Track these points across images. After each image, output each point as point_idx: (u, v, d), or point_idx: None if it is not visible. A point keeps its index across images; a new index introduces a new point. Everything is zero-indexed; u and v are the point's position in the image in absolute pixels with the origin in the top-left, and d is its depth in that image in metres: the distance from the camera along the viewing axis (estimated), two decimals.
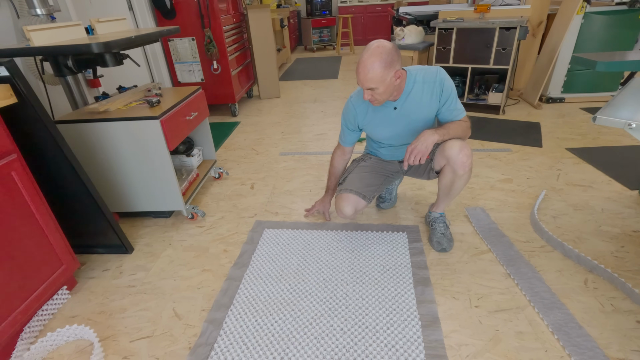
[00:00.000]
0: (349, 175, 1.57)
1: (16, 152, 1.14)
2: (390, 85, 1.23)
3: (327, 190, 1.73)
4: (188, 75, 3.22)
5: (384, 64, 1.17)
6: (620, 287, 1.26)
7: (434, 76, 1.32)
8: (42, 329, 1.25)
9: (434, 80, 1.32)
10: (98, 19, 1.71)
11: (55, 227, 1.29)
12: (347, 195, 1.49)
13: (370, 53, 1.18)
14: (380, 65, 1.17)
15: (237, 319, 1.22)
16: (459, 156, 1.29)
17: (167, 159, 1.58)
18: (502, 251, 1.47)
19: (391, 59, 1.18)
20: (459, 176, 1.34)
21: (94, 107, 1.56)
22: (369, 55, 1.18)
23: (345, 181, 1.55)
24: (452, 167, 1.33)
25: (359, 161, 1.64)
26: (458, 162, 1.30)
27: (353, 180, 1.54)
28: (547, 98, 3.20)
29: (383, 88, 1.22)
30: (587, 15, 2.86)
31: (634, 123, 0.99)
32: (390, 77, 1.21)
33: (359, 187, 1.51)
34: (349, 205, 1.48)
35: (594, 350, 1.05)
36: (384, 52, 1.17)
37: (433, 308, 1.23)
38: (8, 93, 1.10)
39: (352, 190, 1.49)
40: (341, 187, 1.55)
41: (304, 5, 7.17)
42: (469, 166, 1.31)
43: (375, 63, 1.17)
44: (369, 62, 1.18)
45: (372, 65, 1.17)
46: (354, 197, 1.49)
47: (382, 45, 1.18)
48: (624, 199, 1.77)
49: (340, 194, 1.52)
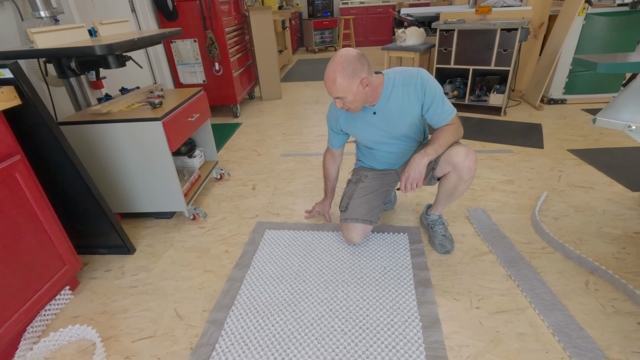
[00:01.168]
0: (351, 201, 1.53)
1: (20, 153, 1.16)
2: (359, 93, 1.22)
3: (326, 194, 1.73)
4: (190, 77, 3.24)
5: (345, 73, 1.17)
6: (622, 289, 1.25)
7: (414, 79, 1.29)
8: (45, 328, 1.26)
9: (414, 83, 1.29)
10: (101, 21, 1.73)
11: (58, 228, 1.30)
12: (354, 225, 1.49)
13: (334, 64, 1.18)
14: (342, 75, 1.17)
15: (239, 320, 1.23)
16: (466, 162, 1.28)
17: (169, 160, 1.59)
18: (502, 252, 1.47)
19: (353, 68, 1.18)
20: (464, 181, 1.33)
21: (97, 108, 1.57)
22: (332, 66, 1.19)
23: (348, 209, 1.52)
24: (459, 173, 1.31)
25: (356, 182, 1.58)
26: (465, 168, 1.28)
27: (355, 207, 1.51)
28: (548, 99, 3.20)
29: (351, 96, 1.22)
30: (588, 17, 2.86)
31: (634, 125, 0.99)
32: (357, 86, 1.20)
33: (363, 214, 1.49)
34: (358, 235, 1.49)
35: (595, 351, 1.05)
36: (345, 62, 1.17)
37: (434, 309, 1.23)
38: (12, 95, 1.11)
39: (358, 220, 1.49)
40: (345, 215, 1.52)
41: (305, 7, 7.19)
42: (474, 171, 1.31)
43: (337, 73, 1.17)
44: (332, 73, 1.18)
45: (334, 76, 1.18)
46: (361, 226, 1.49)
47: (345, 55, 1.18)
48: (626, 201, 1.77)
49: (346, 224, 1.51)
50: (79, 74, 1.64)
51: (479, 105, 3.10)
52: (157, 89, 1.87)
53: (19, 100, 1.14)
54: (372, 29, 7.22)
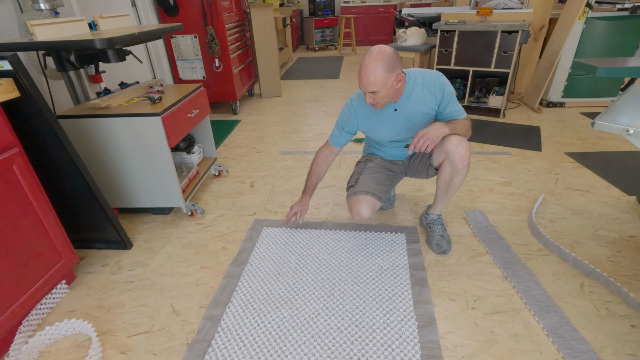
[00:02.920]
0: (360, 177, 1.54)
1: (18, 146, 1.15)
2: (392, 88, 1.25)
3: (306, 191, 1.62)
4: (190, 73, 3.23)
5: (386, 67, 1.19)
6: (616, 292, 1.26)
7: (434, 80, 1.35)
8: (41, 322, 1.26)
9: (434, 84, 1.34)
10: (101, 15, 1.72)
11: (55, 222, 1.30)
12: (364, 197, 1.46)
13: (373, 57, 1.20)
14: (382, 69, 1.19)
15: (235, 316, 1.23)
16: (458, 149, 1.31)
17: (167, 155, 1.59)
18: (499, 254, 1.48)
19: (393, 63, 1.21)
20: (458, 170, 1.35)
21: (96, 102, 1.57)
22: (371, 60, 1.20)
23: (358, 183, 1.52)
24: (451, 161, 1.34)
25: (365, 162, 1.61)
26: (457, 155, 1.32)
27: (365, 181, 1.51)
28: (547, 102, 3.21)
29: (385, 92, 1.24)
30: (588, 21, 2.87)
31: (632, 129, 1.00)
32: (392, 81, 1.23)
33: (373, 188, 1.49)
34: (367, 208, 1.45)
35: (588, 353, 1.06)
36: (386, 57, 1.20)
37: (430, 309, 1.23)
38: (11, 87, 1.11)
39: (368, 192, 1.47)
40: (355, 189, 1.51)
41: (306, 5, 7.17)
42: (467, 160, 1.33)
43: (377, 67, 1.19)
44: (372, 67, 1.20)
45: (374, 70, 1.19)
46: (370, 198, 1.46)
47: (384, 50, 1.21)
48: (622, 204, 1.78)
49: (356, 196, 1.48)
50: (79, 67, 1.63)
51: (478, 107, 3.11)
52: (156, 84, 1.86)
53: (18, 92, 1.13)
54: (373, 28, 7.21)
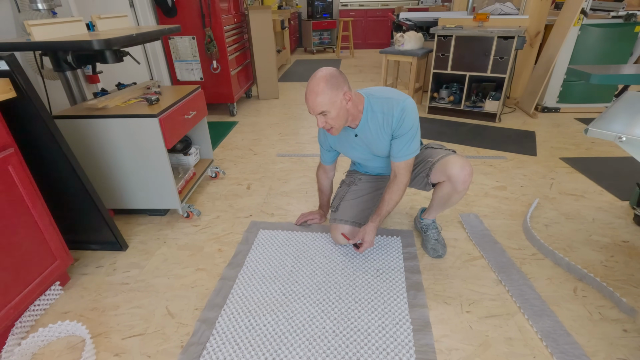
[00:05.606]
0: (341, 203, 1.55)
1: (13, 147, 1.14)
2: (342, 108, 1.22)
3: (321, 207, 1.75)
4: (187, 74, 3.22)
5: (329, 85, 1.18)
6: (609, 296, 1.28)
7: (394, 108, 1.27)
8: (34, 324, 1.25)
9: (392, 114, 1.27)
10: (99, 16, 1.71)
11: (50, 222, 1.29)
12: (343, 226, 1.51)
13: (317, 79, 1.19)
14: (326, 87, 1.17)
15: (230, 319, 1.23)
16: (461, 174, 1.28)
17: (164, 157, 1.58)
18: (494, 258, 1.49)
19: (337, 81, 1.19)
20: (458, 192, 1.34)
21: (93, 103, 1.56)
22: (315, 82, 1.19)
23: (339, 210, 1.54)
24: (453, 184, 1.32)
25: (349, 184, 1.60)
26: (460, 180, 1.29)
27: (346, 209, 1.53)
28: (542, 107, 3.24)
29: (335, 112, 1.21)
30: (583, 27, 2.90)
31: (624, 136, 1.01)
32: (340, 100, 1.20)
33: (352, 215, 1.52)
34: (344, 237, 1.49)
35: (581, 357, 1.07)
36: (328, 76, 1.19)
37: (425, 312, 1.24)
38: (7, 87, 1.10)
39: (347, 221, 1.51)
40: (335, 216, 1.54)
41: (305, 7, 7.20)
42: (469, 183, 1.31)
43: (321, 85, 1.18)
44: (316, 86, 1.18)
45: (318, 88, 1.18)
46: (348, 227, 1.51)
47: (327, 71, 1.20)
48: (615, 210, 1.80)
49: (335, 224, 1.52)
50: (76, 67, 1.63)
51: (474, 111, 3.13)
52: (154, 85, 1.86)
53: (14, 92, 1.13)
54: (370, 31, 7.25)
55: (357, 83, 4.55)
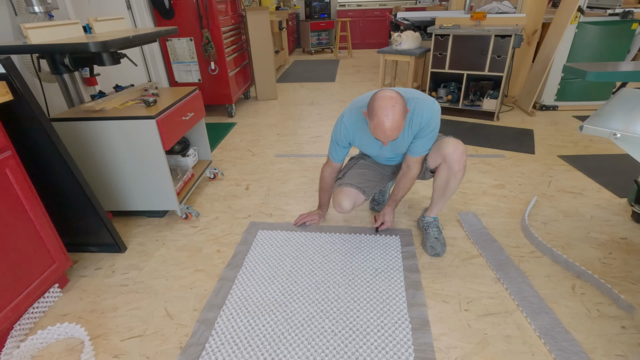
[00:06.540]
0: (348, 171, 1.59)
1: (10, 149, 1.14)
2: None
3: (321, 206, 1.74)
4: (185, 75, 3.23)
5: (403, 114, 1.18)
6: (607, 293, 1.28)
7: (423, 111, 1.32)
8: (33, 326, 1.25)
9: (421, 115, 1.32)
10: (96, 18, 1.72)
11: (48, 225, 1.29)
12: (348, 189, 1.50)
13: (395, 114, 1.16)
14: (402, 119, 1.18)
15: (229, 320, 1.23)
16: (455, 153, 1.34)
17: (162, 158, 1.58)
18: (492, 256, 1.49)
19: (404, 107, 1.19)
20: (454, 173, 1.37)
21: (90, 105, 1.56)
22: (394, 118, 1.16)
23: (345, 176, 1.57)
24: (448, 164, 1.37)
25: (357, 159, 1.67)
26: (454, 159, 1.35)
27: (352, 175, 1.56)
28: (540, 105, 3.25)
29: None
30: (580, 25, 2.91)
31: (619, 133, 1.01)
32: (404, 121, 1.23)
33: (359, 181, 1.53)
34: (348, 199, 1.48)
35: (580, 354, 1.07)
36: (402, 110, 1.18)
37: (423, 311, 1.24)
38: (4, 90, 1.10)
39: (352, 185, 1.51)
40: (340, 181, 1.56)
41: (302, 8, 7.20)
42: (463, 162, 1.36)
43: (400, 121, 1.17)
44: (397, 123, 1.17)
45: (399, 125, 1.17)
46: (354, 191, 1.50)
47: (394, 98, 1.17)
48: (613, 207, 1.80)
49: (340, 188, 1.53)
50: (73, 70, 1.63)
51: (472, 110, 3.13)
52: (151, 87, 1.86)
53: (11, 95, 1.13)
54: (368, 31, 7.26)
55: (355, 83, 4.55)
